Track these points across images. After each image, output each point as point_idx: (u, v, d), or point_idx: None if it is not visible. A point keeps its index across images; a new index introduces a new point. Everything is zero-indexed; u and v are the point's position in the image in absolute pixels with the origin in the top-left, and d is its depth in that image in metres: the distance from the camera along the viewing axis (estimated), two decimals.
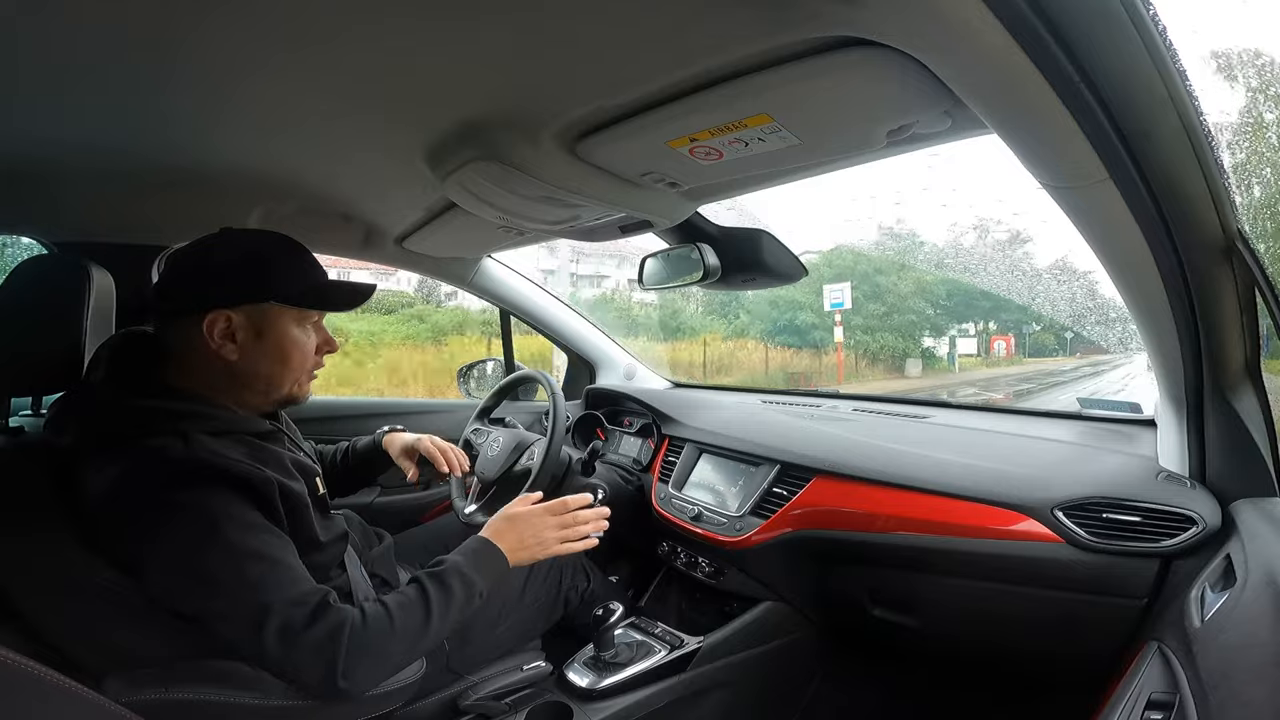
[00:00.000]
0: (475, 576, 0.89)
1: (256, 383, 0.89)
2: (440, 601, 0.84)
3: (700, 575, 1.50)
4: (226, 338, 0.85)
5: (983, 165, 12.83)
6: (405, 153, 0.97)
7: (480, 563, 0.92)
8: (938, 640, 1.26)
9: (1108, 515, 0.96)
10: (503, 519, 1.00)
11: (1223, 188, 0.68)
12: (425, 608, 0.83)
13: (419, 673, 0.91)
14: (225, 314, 0.84)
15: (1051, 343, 14.19)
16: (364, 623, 0.78)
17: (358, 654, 0.76)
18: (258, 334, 0.87)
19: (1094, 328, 3.13)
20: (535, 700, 1.16)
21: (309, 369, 0.94)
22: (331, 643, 0.75)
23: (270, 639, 0.73)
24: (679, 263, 1.34)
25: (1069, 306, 3.18)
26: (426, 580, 0.86)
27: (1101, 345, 11.88)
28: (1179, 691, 0.64)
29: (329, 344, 0.97)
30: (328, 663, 0.74)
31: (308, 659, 0.74)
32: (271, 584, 0.75)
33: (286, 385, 0.92)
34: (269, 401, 0.92)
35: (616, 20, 0.61)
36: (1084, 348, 13.13)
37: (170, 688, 0.74)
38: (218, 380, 0.86)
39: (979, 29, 0.49)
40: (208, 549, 0.74)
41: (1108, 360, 11.11)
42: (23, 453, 0.84)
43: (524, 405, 1.96)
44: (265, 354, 0.88)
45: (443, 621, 0.84)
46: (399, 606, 0.82)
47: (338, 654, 0.74)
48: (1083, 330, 12.04)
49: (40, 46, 0.66)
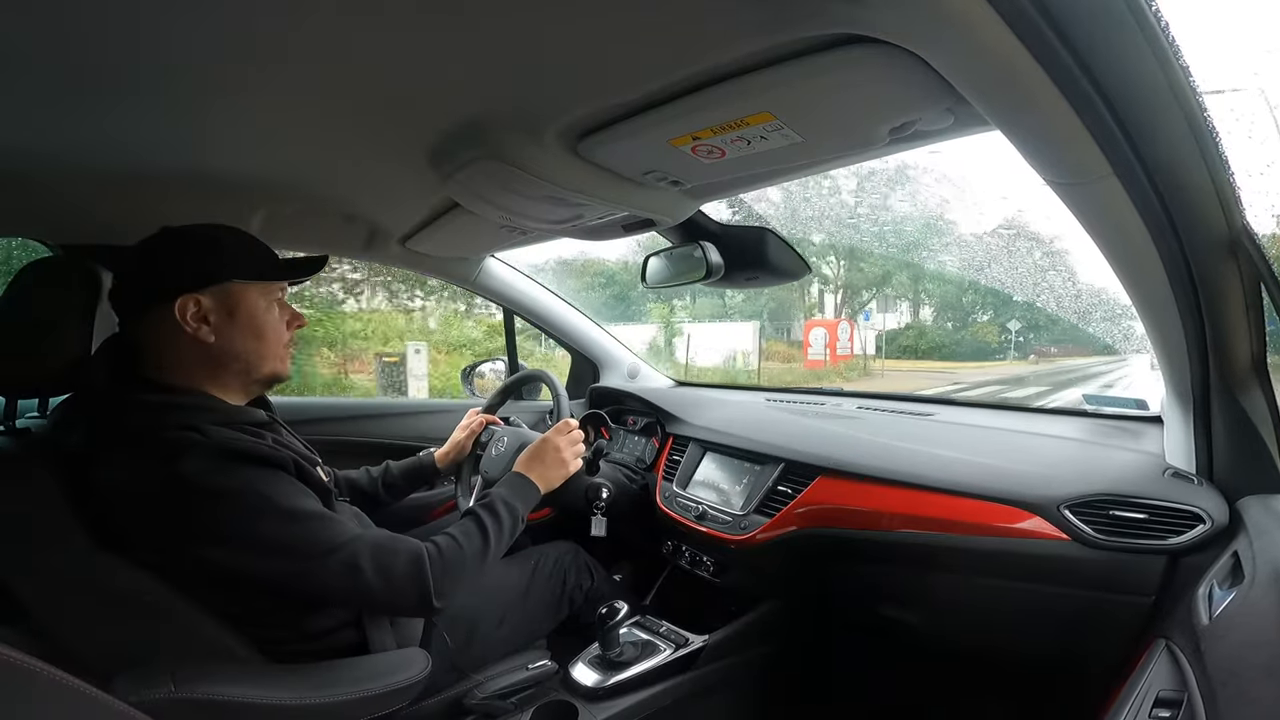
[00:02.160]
0: (516, 504, 1.04)
1: (237, 363, 0.90)
2: (494, 527, 0.98)
3: (705, 574, 1.50)
4: (200, 320, 0.86)
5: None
6: (408, 153, 0.97)
7: (518, 493, 1.06)
8: (943, 638, 1.25)
9: (1114, 512, 0.96)
10: (526, 456, 1.15)
11: (1227, 183, 0.68)
12: (483, 534, 0.96)
13: (424, 671, 0.92)
14: (194, 297, 0.86)
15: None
16: (440, 552, 0.89)
17: (442, 577, 0.87)
18: (229, 313, 0.88)
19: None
20: (540, 699, 1.16)
21: (285, 343, 0.97)
22: (420, 570, 0.86)
23: (370, 577, 0.82)
24: (682, 261, 1.34)
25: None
26: (480, 510, 1.00)
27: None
28: (1187, 689, 0.64)
29: (296, 318, 0.99)
30: (421, 587, 0.85)
31: (406, 586, 0.85)
32: (344, 532, 0.84)
33: (267, 362, 0.93)
34: (253, 382, 0.94)
35: (618, 19, 0.61)
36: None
37: (178, 687, 0.74)
38: (200, 368, 0.88)
39: (981, 25, 0.48)
40: (268, 520, 0.79)
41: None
42: (30, 454, 0.84)
43: (528, 405, 1.96)
44: (240, 332, 0.89)
45: (498, 544, 0.97)
46: (464, 535, 0.94)
47: (427, 579, 0.86)
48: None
49: (41, 48, 0.66)
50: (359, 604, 0.91)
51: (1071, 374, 10.47)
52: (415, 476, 1.39)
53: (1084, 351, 11.95)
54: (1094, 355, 11.78)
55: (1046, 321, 11.37)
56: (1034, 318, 11.20)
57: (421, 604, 0.86)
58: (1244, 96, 2.14)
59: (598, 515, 1.43)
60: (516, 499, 1.04)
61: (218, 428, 0.81)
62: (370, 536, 0.86)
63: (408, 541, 0.89)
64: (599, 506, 1.43)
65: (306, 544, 0.81)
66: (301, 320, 1.00)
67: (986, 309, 11.72)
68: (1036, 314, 11.14)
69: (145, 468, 0.76)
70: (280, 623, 0.87)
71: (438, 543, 0.91)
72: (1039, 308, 10.45)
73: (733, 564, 1.45)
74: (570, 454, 1.18)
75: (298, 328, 1.00)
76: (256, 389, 0.96)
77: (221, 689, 0.76)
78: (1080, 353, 12.08)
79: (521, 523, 1.03)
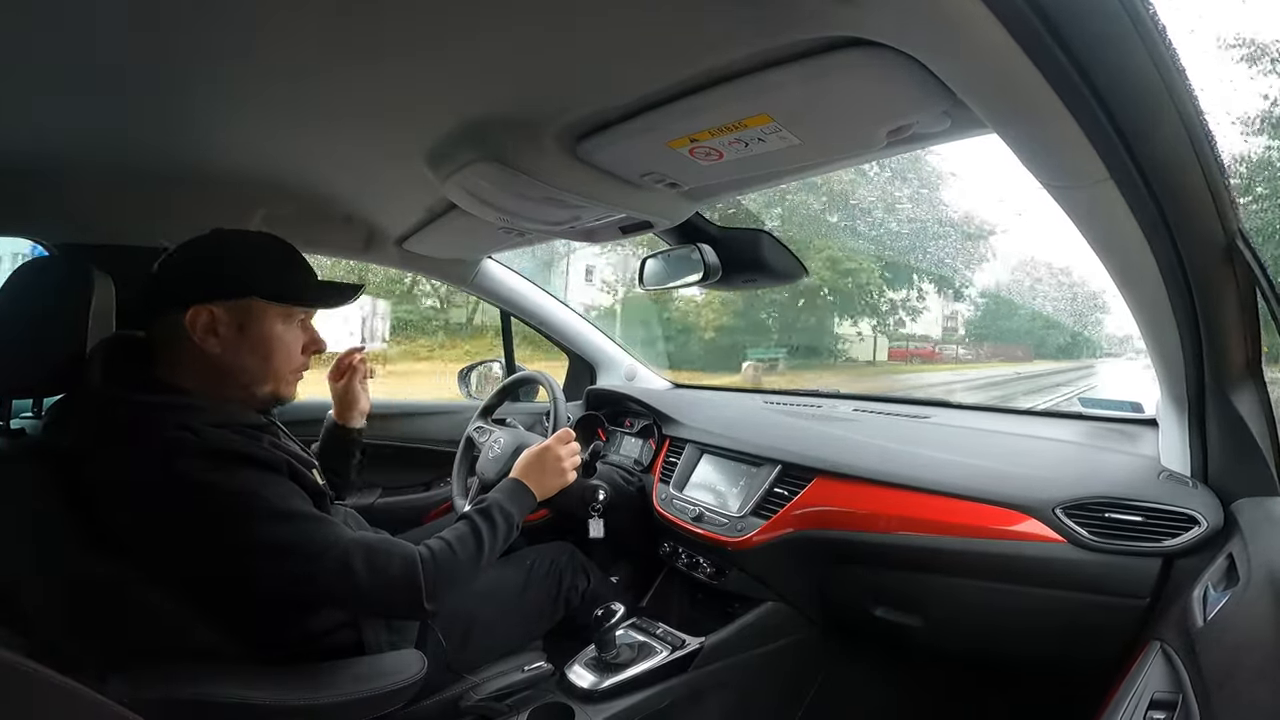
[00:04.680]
0: (512, 510, 1.03)
1: (239, 377, 0.90)
2: (489, 532, 0.97)
3: (702, 576, 1.50)
4: (209, 332, 0.86)
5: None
6: (406, 154, 0.97)
7: (514, 500, 1.06)
8: (940, 640, 1.25)
9: (1110, 515, 0.96)
10: (524, 463, 1.14)
11: (1223, 187, 0.68)
12: (478, 539, 0.96)
13: (420, 673, 0.92)
14: (208, 308, 0.85)
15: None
16: (434, 555, 0.89)
17: (436, 580, 0.87)
18: (240, 329, 0.88)
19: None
20: (537, 701, 1.16)
21: (294, 368, 0.95)
22: (413, 573, 0.86)
23: (363, 579, 0.82)
24: (679, 263, 1.34)
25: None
26: (475, 516, 0.99)
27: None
28: (1182, 691, 0.64)
29: (316, 344, 0.98)
30: (414, 589, 0.85)
31: (399, 589, 0.85)
32: (336, 533, 0.83)
33: (268, 382, 0.92)
34: (252, 398, 0.93)
35: (616, 21, 0.61)
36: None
37: (172, 687, 0.74)
38: (203, 376, 0.87)
39: (978, 29, 0.49)
40: (260, 520, 0.78)
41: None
42: (24, 454, 0.84)
43: (525, 406, 1.96)
44: (247, 349, 0.89)
45: (492, 548, 0.97)
46: (458, 539, 0.94)
47: (420, 582, 0.85)
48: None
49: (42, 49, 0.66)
50: (352, 606, 0.91)
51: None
52: (332, 446, 1.26)
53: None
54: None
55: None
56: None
57: (414, 607, 0.86)
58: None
59: (595, 517, 1.43)
60: (513, 505, 1.04)
61: (212, 428, 0.80)
62: (364, 539, 0.86)
63: (402, 544, 0.89)
64: (596, 508, 1.43)
65: (298, 544, 0.80)
66: (321, 345, 0.98)
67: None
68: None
69: (139, 467, 0.76)
70: (275, 623, 0.86)
71: (432, 546, 0.90)
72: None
73: (729, 566, 1.44)
74: (569, 464, 1.17)
75: (314, 353, 0.98)
76: (256, 404, 0.94)
77: (215, 689, 0.76)
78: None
79: (516, 529, 1.03)
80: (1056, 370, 11.20)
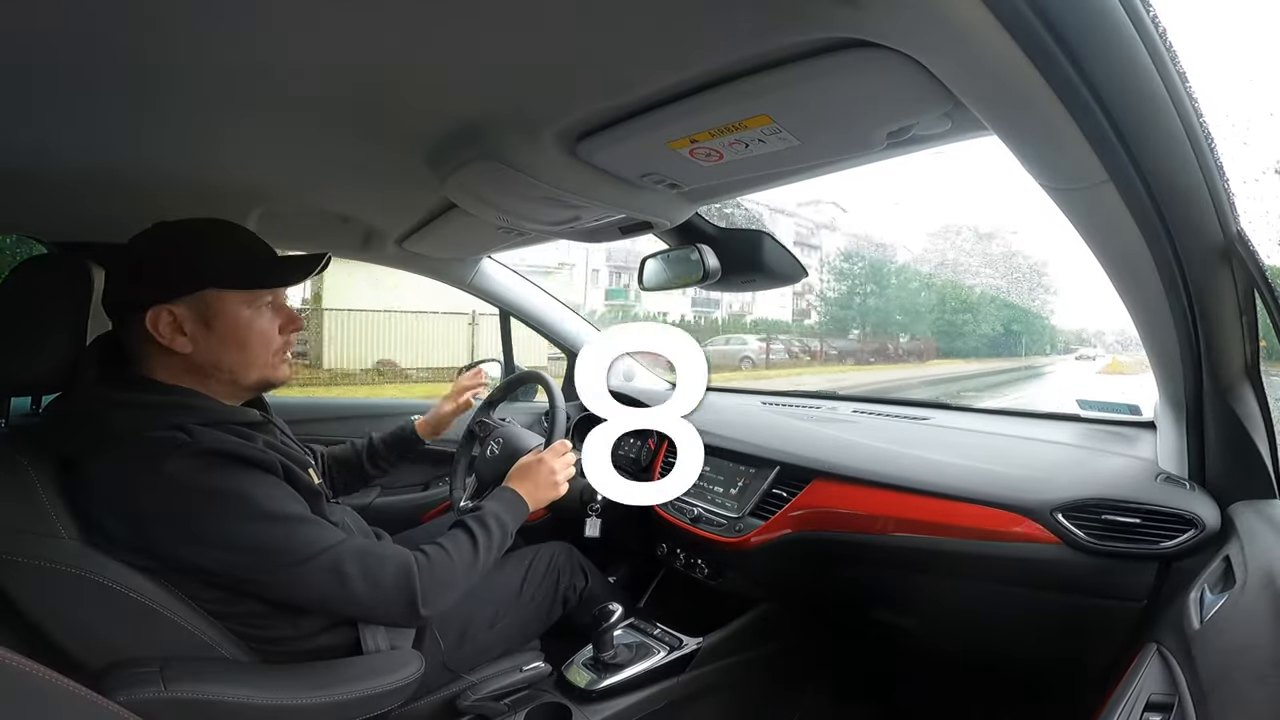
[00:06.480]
0: (506, 518, 1.02)
1: (220, 373, 0.88)
2: (484, 539, 0.96)
3: (699, 576, 1.50)
4: (176, 331, 0.83)
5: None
6: (405, 153, 0.97)
7: (509, 508, 1.04)
8: (937, 642, 1.26)
9: (1107, 517, 0.96)
10: (519, 472, 1.13)
11: (1222, 189, 0.68)
12: (473, 545, 0.95)
13: (417, 672, 0.92)
14: (166, 309, 0.82)
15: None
16: (429, 560, 0.89)
17: (430, 586, 0.86)
18: (205, 324, 0.85)
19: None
20: (534, 701, 1.16)
21: (275, 350, 0.92)
22: (407, 578, 0.85)
23: (356, 583, 0.82)
24: (679, 264, 1.34)
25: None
26: (470, 522, 0.98)
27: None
28: (1178, 693, 0.64)
29: (293, 322, 0.94)
30: (409, 595, 0.84)
31: (394, 594, 0.84)
32: (329, 537, 0.83)
33: (253, 371, 0.90)
34: (241, 390, 0.91)
35: (616, 21, 0.61)
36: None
37: (168, 686, 0.74)
38: (185, 374, 0.86)
39: (978, 30, 0.49)
40: (250, 521, 0.78)
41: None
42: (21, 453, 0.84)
43: (524, 406, 1.96)
44: (219, 342, 0.86)
45: (487, 555, 0.96)
46: (453, 545, 0.93)
47: (415, 587, 0.85)
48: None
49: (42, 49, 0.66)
50: (345, 610, 0.88)
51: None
52: (398, 446, 1.35)
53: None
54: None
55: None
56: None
57: (409, 613, 0.86)
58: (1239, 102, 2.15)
59: (592, 516, 1.43)
60: (507, 514, 1.04)
61: (204, 428, 0.80)
62: (357, 543, 0.86)
63: (397, 550, 0.88)
64: (594, 508, 1.43)
65: (288, 547, 0.80)
66: (298, 323, 0.95)
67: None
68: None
69: (132, 467, 0.76)
70: (271, 623, 0.86)
71: (427, 552, 0.90)
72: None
73: (727, 567, 1.45)
74: (563, 476, 1.16)
75: (294, 331, 0.95)
76: (247, 394, 0.94)
77: (212, 689, 0.76)
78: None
79: (510, 537, 1.03)
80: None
